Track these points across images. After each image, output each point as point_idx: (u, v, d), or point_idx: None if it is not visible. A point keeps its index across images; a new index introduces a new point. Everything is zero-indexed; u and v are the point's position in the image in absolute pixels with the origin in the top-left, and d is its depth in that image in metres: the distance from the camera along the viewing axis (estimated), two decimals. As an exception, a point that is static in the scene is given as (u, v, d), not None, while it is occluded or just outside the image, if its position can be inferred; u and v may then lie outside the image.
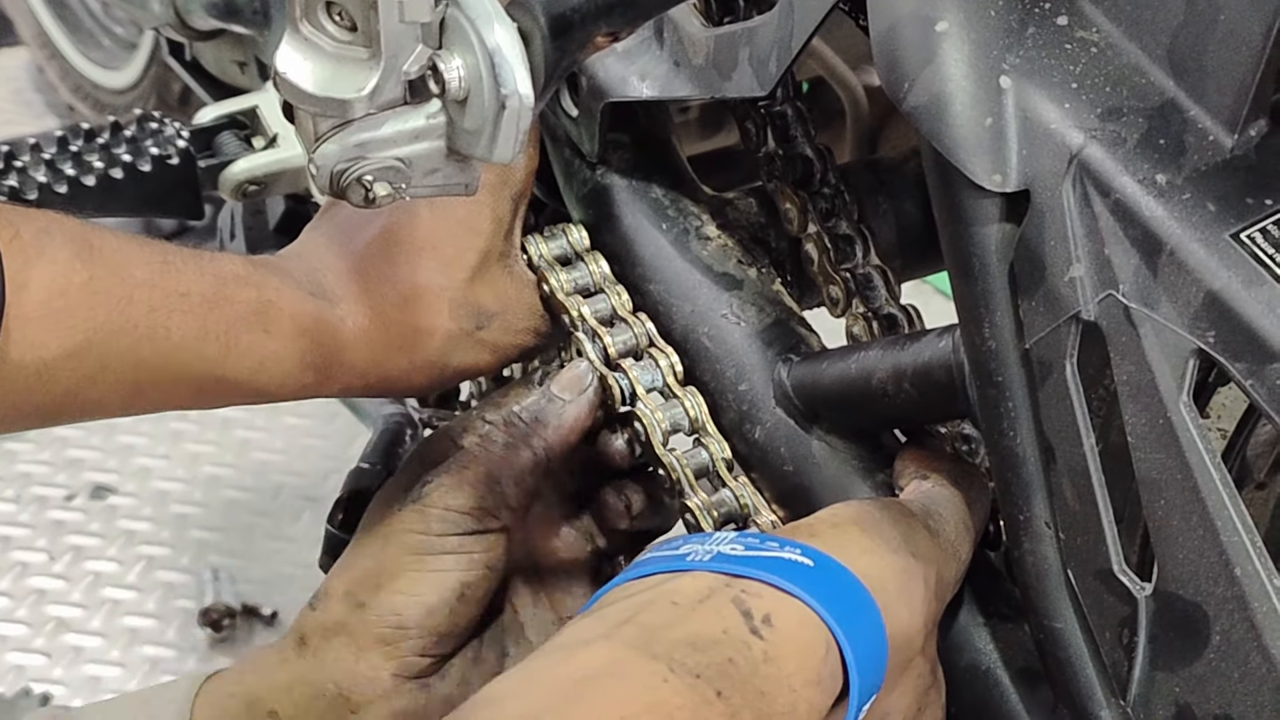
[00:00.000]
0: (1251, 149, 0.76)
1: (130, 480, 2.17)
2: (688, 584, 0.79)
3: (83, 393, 0.92)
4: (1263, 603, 0.73)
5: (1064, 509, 0.82)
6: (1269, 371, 0.72)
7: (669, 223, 1.06)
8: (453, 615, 0.98)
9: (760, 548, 0.81)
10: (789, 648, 0.77)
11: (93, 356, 0.90)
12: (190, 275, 0.94)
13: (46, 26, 2.75)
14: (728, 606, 0.78)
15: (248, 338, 0.95)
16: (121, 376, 0.92)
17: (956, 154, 0.80)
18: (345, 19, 0.80)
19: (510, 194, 1.04)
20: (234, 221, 1.48)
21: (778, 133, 1.05)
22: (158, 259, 0.93)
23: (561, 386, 1.02)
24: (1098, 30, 0.80)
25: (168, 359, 0.93)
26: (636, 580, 0.81)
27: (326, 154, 0.83)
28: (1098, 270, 0.78)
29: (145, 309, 0.92)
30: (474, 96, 0.79)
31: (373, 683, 0.97)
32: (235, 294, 0.95)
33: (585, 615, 0.80)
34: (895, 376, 0.91)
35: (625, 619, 0.77)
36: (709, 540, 0.83)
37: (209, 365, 0.94)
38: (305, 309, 0.97)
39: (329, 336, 0.98)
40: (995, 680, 0.89)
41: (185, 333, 0.93)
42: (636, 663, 0.74)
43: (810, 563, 0.81)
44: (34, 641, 1.95)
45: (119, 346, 0.91)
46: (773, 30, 0.94)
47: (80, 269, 0.90)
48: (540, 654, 0.77)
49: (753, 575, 0.79)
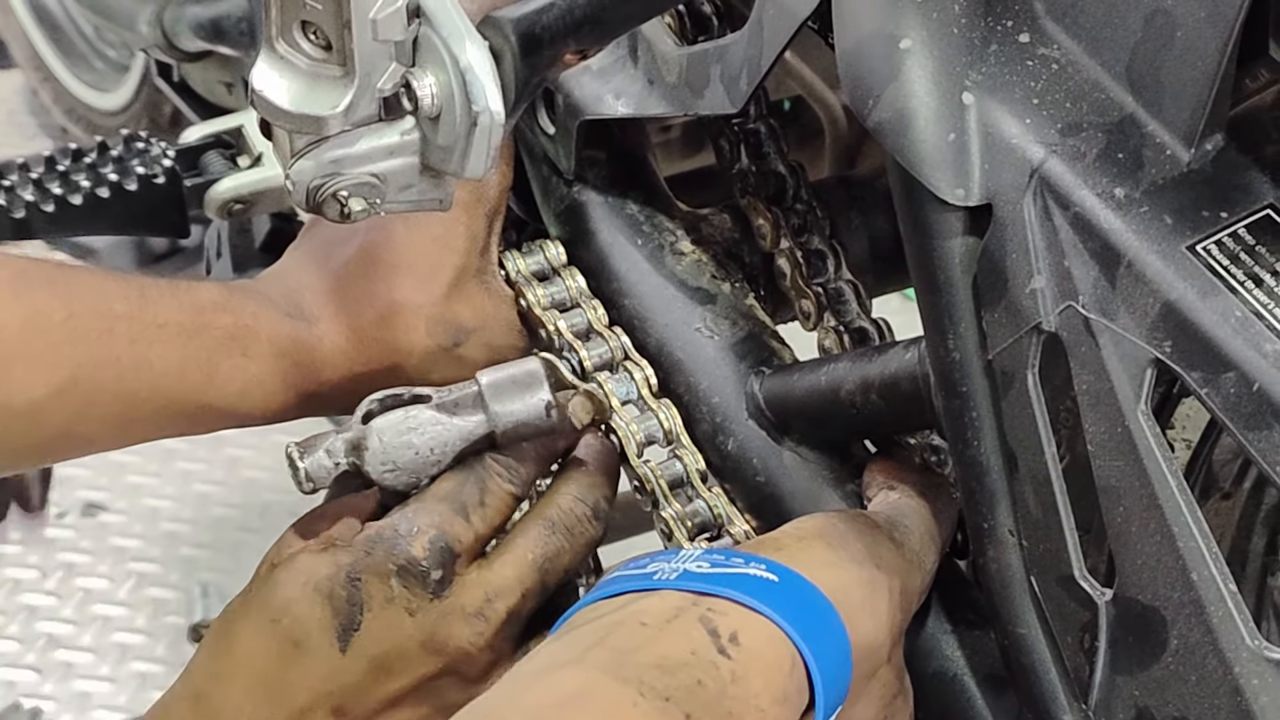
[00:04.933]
0: (1208, 162, 0.77)
1: (121, 498, 2.18)
2: (655, 604, 0.80)
3: (74, 430, 0.94)
4: (1218, 607, 0.74)
5: (1027, 517, 0.83)
6: (1224, 380, 0.73)
7: (644, 238, 1.07)
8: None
9: (726, 564, 0.82)
10: (756, 666, 0.78)
11: (79, 393, 0.92)
12: (167, 306, 0.95)
13: (40, 49, 2.77)
14: (695, 626, 0.78)
15: (228, 363, 0.96)
16: (109, 410, 0.94)
17: (920, 169, 0.82)
18: (320, 37, 0.81)
19: (485, 210, 1.05)
20: (220, 240, 1.50)
21: (750, 150, 1.07)
22: (135, 292, 0.95)
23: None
24: (1058, 47, 0.82)
25: (153, 389, 0.95)
26: (605, 600, 0.82)
27: (302, 170, 0.84)
28: (1058, 282, 0.79)
29: (126, 342, 0.93)
30: (446, 113, 0.81)
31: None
32: (213, 321, 0.96)
33: (555, 639, 0.80)
34: (863, 388, 0.93)
35: (595, 642, 0.77)
36: (675, 558, 0.83)
37: (193, 393, 0.96)
38: (282, 330, 0.98)
39: (307, 356, 0.99)
40: (962, 686, 0.90)
41: (167, 363, 0.94)
42: (607, 687, 0.74)
43: (775, 578, 0.81)
44: (25, 657, 1.96)
45: (103, 380, 0.93)
46: (743, 48, 0.95)
47: (59, 307, 0.91)
48: (512, 679, 0.78)
49: (719, 593, 0.80)
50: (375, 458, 0.92)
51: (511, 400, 0.92)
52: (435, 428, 0.92)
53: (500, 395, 0.92)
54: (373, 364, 1.02)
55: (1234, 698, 0.74)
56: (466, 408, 0.93)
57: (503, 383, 0.93)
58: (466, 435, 0.92)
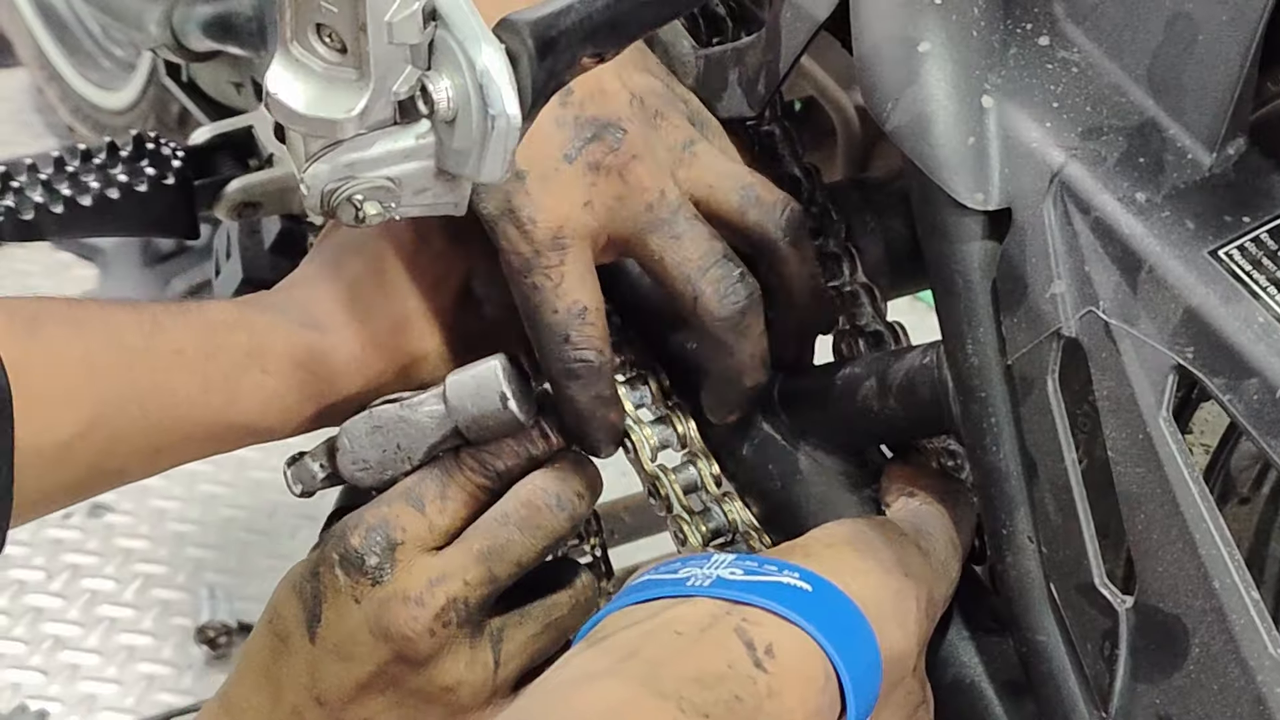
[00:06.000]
0: (1230, 167, 0.77)
1: (128, 499, 2.17)
2: (689, 612, 0.80)
3: (103, 465, 0.94)
4: (1241, 615, 0.74)
5: (1046, 523, 0.83)
6: (1246, 386, 0.73)
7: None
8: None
9: (759, 571, 0.82)
10: (791, 680, 0.78)
11: (104, 429, 0.92)
12: (181, 332, 0.96)
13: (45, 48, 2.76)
14: (730, 637, 0.78)
15: (247, 381, 0.96)
16: (136, 443, 0.94)
17: (939, 173, 0.81)
18: (335, 40, 0.80)
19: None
20: (230, 241, 1.49)
21: (765, 152, 1.06)
22: (148, 322, 0.95)
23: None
24: (1079, 50, 0.81)
25: (177, 417, 0.95)
26: (638, 605, 0.82)
27: (317, 174, 0.84)
28: (1078, 287, 0.79)
29: (146, 373, 0.93)
30: (462, 117, 0.80)
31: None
32: (228, 341, 0.96)
33: (588, 644, 0.80)
34: (880, 392, 0.92)
35: (631, 652, 0.77)
36: (707, 563, 0.83)
37: (216, 414, 0.96)
38: (298, 342, 0.98)
39: (323, 366, 0.99)
40: (980, 693, 0.90)
41: (188, 389, 0.95)
42: (646, 701, 0.74)
43: (808, 587, 0.81)
44: (31, 659, 1.96)
45: (128, 415, 0.93)
46: (760, 51, 0.95)
47: (75, 345, 0.91)
48: (545, 688, 0.78)
49: (753, 602, 0.80)
50: (346, 457, 0.97)
51: (470, 395, 0.95)
52: (400, 425, 0.96)
53: (460, 391, 0.95)
54: (387, 372, 1.01)
55: (1256, 706, 0.74)
56: (430, 405, 0.96)
57: (464, 379, 0.95)
58: (431, 430, 0.96)
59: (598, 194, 0.95)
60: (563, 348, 0.95)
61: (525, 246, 0.94)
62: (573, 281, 0.94)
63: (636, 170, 0.95)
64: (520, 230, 0.94)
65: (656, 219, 0.95)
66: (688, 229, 0.95)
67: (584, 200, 0.94)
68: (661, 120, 0.97)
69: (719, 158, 0.98)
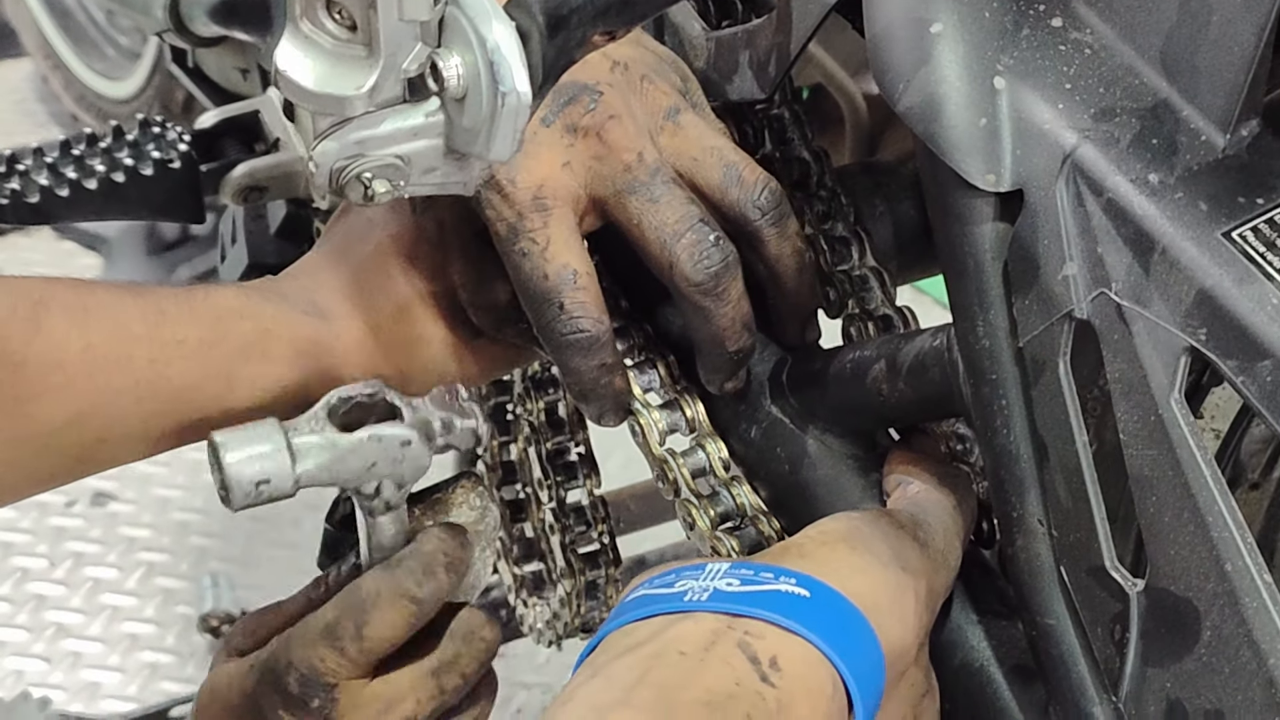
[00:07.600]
0: (1243, 148, 0.77)
1: (130, 487, 2.18)
2: (691, 629, 0.79)
3: (94, 454, 0.94)
4: (1253, 598, 0.74)
5: (1057, 506, 0.82)
6: (1260, 369, 0.73)
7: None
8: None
9: (755, 580, 0.81)
10: (799, 692, 0.77)
11: (97, 420, 0.92)
12: (185, 321, 0.95)
13: (50, 37, 2.76)
14: (734, 654, 0.78)
15: (250, 369, 0.96)
16: (129, 430, 0.94)
17: (951, 154, 0.81)
18: (345, 17, 0.80)
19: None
20: (235, 226, 1.49)
21: (775, 135, 1.06)
22: (152, 310, 0.95)
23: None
24: (1091, 31, 0.81)
25: (173, 405, 0.94)
26: (638, 624, 0.81)
27: (326, 151, 0.83)
28: (1090, 269, 0.78)
29: (145, 363, 0.93)
30: (472, 94, 0.80)
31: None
32: (232, 329, 0.96)
33: (591, 672, 0.79)
34: (890, 375, 0.92)
35: (637, 679, 0.76)
36: (702, 574, 0.82)
37: (214, 402, 0.95)
38: (301, 330, 0.98)
39: (326, 353, 0.99)
40: (988, 677, 0.89)
41: (187, 378, 0.94)
42: None
43: (806, 593, 0.81)
44: (33, 646, 1.96)
45: (122, 405, 0.93)
46: (771, 33, 0.95)
47: (77, 337, 0.91)
48: None
49: (753, 614, 0.79)
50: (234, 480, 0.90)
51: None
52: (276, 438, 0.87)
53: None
54: (391, 358, 1.01)
55: (1268, 689, 0.74)
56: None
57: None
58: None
59: (576, 155, 0.94)
60: (559, 317, 0.94)
61: (508, 210, 0.94)
62: (559, 245, 0.94)
63: (614, 131, 0.95)
64: (502, 195, 0.94)
65: (635, 180, 0.95)
66: (665, 192, 0.95)
67: (563, 161, 0.94)
68: (647, 85, 0.97)
69: (705, 130, 0.97)
